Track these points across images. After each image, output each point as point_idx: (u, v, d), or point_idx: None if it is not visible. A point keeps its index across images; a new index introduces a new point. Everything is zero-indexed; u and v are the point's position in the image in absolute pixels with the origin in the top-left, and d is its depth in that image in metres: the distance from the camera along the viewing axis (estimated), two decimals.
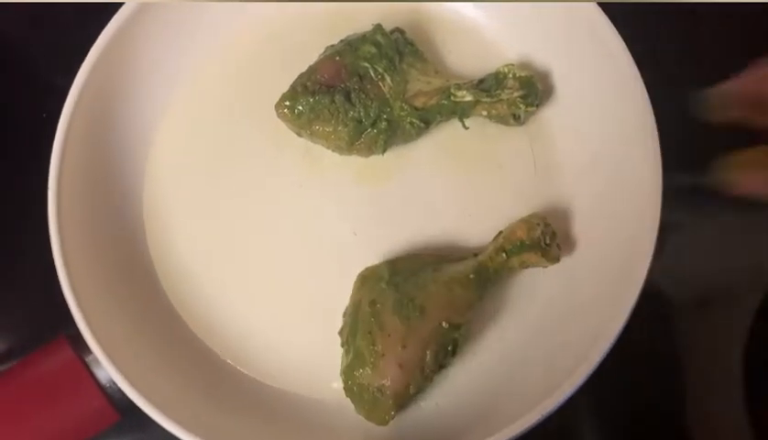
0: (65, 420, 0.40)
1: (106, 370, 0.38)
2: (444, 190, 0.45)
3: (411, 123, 0.43)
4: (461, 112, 0.44)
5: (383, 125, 0.42)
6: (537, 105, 0.44)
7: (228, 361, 0.43)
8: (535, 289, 0.43)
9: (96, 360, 0.39)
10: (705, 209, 0.49)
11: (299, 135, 0.43)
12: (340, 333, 0.41)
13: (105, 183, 0.44)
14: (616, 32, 0.41)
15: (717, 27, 0.50)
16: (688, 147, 0.49)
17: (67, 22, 0.48)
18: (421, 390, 0.39)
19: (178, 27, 0.45)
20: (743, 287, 0.47)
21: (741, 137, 0.50)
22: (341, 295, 0.41)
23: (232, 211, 0.45)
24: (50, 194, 0.40)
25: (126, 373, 0.38)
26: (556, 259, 0.41)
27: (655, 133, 0.40)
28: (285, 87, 0.42)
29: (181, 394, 0.40)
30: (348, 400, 0.39)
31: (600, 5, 0.41)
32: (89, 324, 0.38)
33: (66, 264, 0.39)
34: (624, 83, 0.41)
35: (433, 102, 0.43)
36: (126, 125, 0.45)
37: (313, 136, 0.42)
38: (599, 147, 0.43)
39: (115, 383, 0.38)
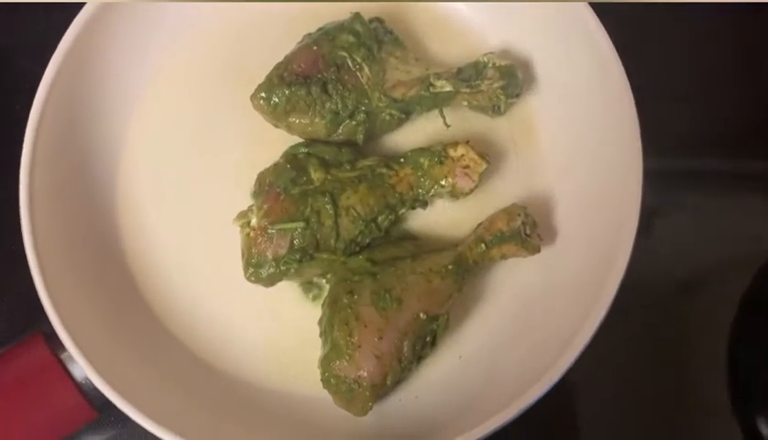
0: (41, 417, 0.40)
1: (81, 368, 0.38)
2: None
3: (391, 114, 0.42)
4: (441, 104, 0.43)
5: (361, 116, 0.41)
6: (518, 96, 0.43)
7: (204, 358, 0.42)
8: (516, 279, 0.43)
9: (71, 357, 0.38)
10: (691, 195, 0.49)
11: (276, 126, 0.43)
12: (319, 323, 0.40)
13: (79, 181, 0.43)
14: (598, 21, 0.41)
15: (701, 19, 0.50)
16: (671, 133, 0.48)
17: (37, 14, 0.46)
18: (399, 380, 0.38)
19: (153, 18, 0.44)
20: (728, 273, 0.47)
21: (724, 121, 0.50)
22: None
23: (208, 204, 0.44)
24: (22, 191, 0.39)
25: (100, 370, 0.37)
26: (537, 250, 0.40)
27: (636, 121, 0.40)
28: (262, 77, 0.41)
29: (157, 391, 0.39)
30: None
31: None
32: (63, 321, 0.38)
33: (39, 262, 0.38)
34: (606, 72, 0.41)
35: (412, 92, 0.42)
36: (99, 116, 0.44)
37: (290, 128, 0.42)
38: (581, 136, 0.43)
39: (90, 380, 0.38)
